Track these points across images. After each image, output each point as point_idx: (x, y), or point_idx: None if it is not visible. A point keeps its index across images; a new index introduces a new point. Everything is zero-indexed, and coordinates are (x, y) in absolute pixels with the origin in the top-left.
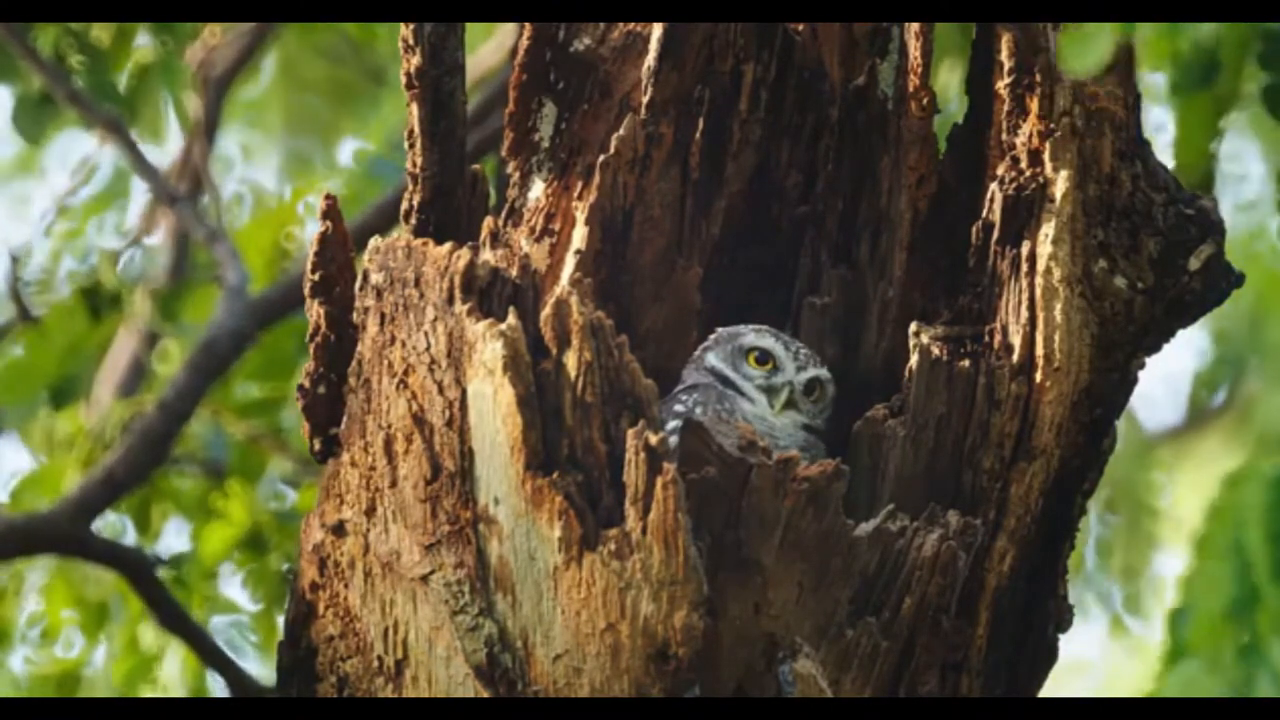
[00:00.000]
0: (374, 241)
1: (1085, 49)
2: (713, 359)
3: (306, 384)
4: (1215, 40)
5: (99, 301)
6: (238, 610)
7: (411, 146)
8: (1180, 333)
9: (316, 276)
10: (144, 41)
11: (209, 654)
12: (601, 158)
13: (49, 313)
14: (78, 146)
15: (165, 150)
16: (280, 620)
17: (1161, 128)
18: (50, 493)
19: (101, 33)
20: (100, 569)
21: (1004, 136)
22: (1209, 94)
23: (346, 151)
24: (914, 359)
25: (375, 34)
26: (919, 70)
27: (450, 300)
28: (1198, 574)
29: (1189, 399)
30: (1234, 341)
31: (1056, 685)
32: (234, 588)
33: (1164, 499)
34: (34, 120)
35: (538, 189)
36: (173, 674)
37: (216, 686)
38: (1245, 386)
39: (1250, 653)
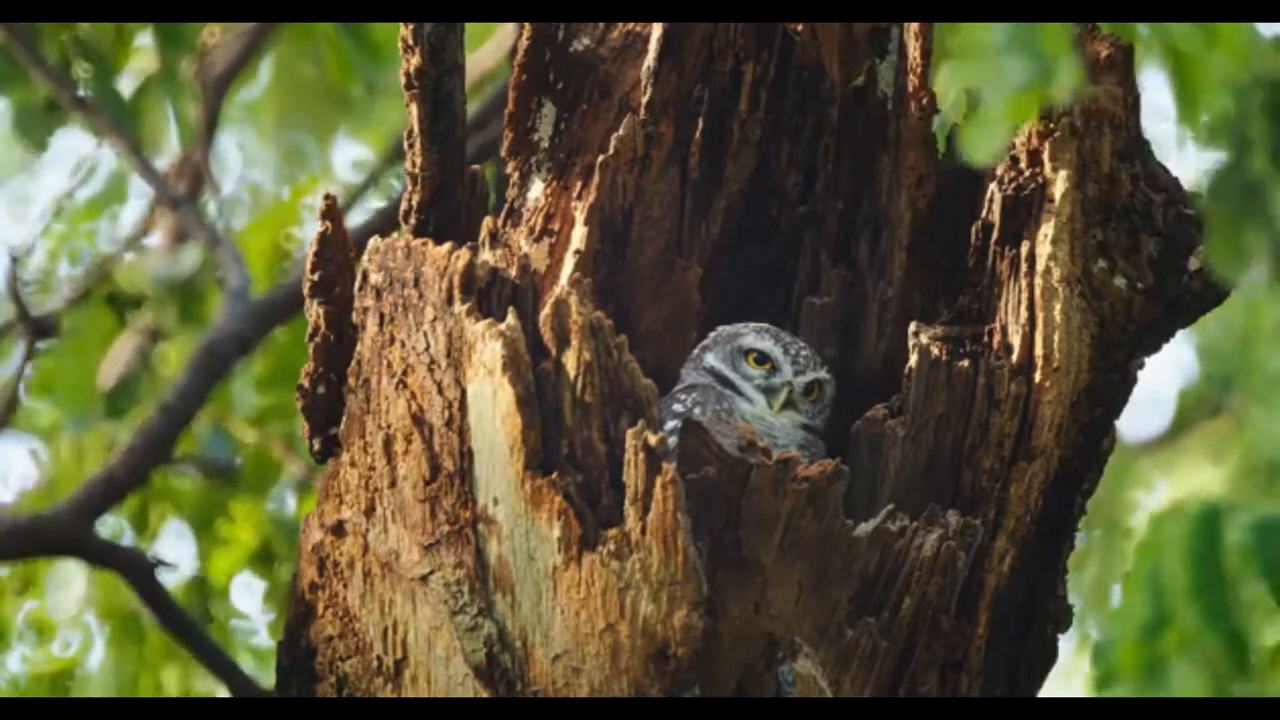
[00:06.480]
0: (373, 241)
1: (985, 138)
2: (711, 359)
3: (306, 384)
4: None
5: (123, 306)
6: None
7: (411, 146)
8: (1166, 347)
9: (316, 277)
10: (144, 42)
11: (209, 655)
12: (601, 158)
13: (83, 322)
14: (77, 145)
15: (166, 154)
16: None
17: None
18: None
19: (101, 34)
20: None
21: None
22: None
23: (343, 153)
24: (914, 359)
25: (353, 75)
26: (919, 70)
27: (450, 300)
28: (1122, 607)
29: (1175, 410)
30: (1221, 360)
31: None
32: (242, 599)
33: (1140, 519)
34: (37, 128)
35: (537, 189)
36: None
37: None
38: (1233, 397)
39: (1155, 671)
